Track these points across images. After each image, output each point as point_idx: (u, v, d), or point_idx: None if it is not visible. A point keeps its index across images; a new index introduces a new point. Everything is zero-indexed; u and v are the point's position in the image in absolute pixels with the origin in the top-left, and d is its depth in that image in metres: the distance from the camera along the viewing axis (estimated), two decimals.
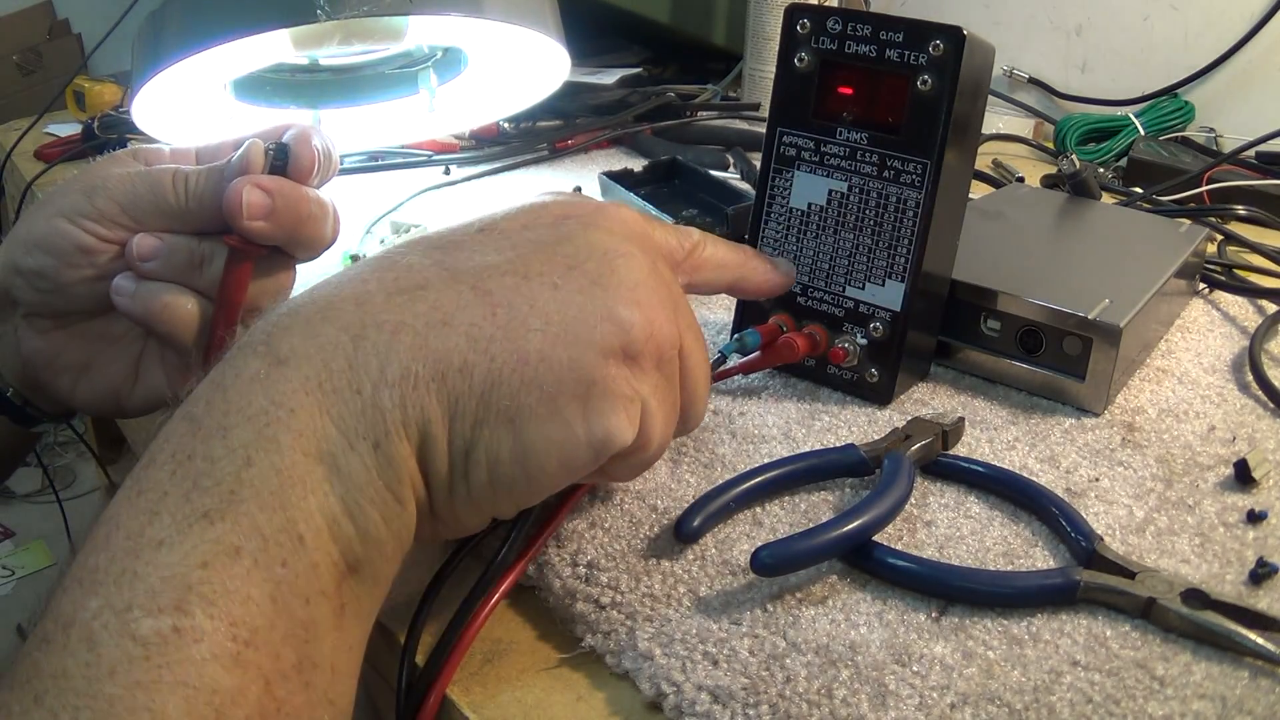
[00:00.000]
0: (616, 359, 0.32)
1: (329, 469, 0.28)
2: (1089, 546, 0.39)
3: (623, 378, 0.33)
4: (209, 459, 0.27)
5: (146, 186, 0.44)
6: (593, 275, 0.33)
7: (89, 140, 0.97)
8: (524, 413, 0.31)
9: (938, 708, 0.32)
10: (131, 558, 0.26)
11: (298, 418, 0.28)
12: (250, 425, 0.28)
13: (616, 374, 0.32)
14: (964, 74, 0.47)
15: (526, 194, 0.37)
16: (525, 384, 0.31)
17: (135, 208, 0.44)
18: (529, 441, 0.31)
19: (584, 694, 0.34)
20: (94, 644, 0.24)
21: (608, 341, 0.32)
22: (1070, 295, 0.52)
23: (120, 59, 0.70)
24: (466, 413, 0.31)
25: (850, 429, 0.49)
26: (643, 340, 0.33)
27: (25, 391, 0.50)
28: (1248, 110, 1.03)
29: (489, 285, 0.32)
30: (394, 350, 0.30)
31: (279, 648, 0.26)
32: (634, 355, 0.33)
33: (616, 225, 0.36)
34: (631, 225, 0.37)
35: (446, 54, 0.73)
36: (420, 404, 0.30)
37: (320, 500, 0.28)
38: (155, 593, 0.25)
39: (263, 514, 0.27)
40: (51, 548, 2.07)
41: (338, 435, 0.29)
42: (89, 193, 0.44)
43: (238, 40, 0.54)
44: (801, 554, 0.37)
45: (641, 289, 0.34)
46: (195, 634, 0.25)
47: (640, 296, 0.33)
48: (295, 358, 0.29)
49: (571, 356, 0.31)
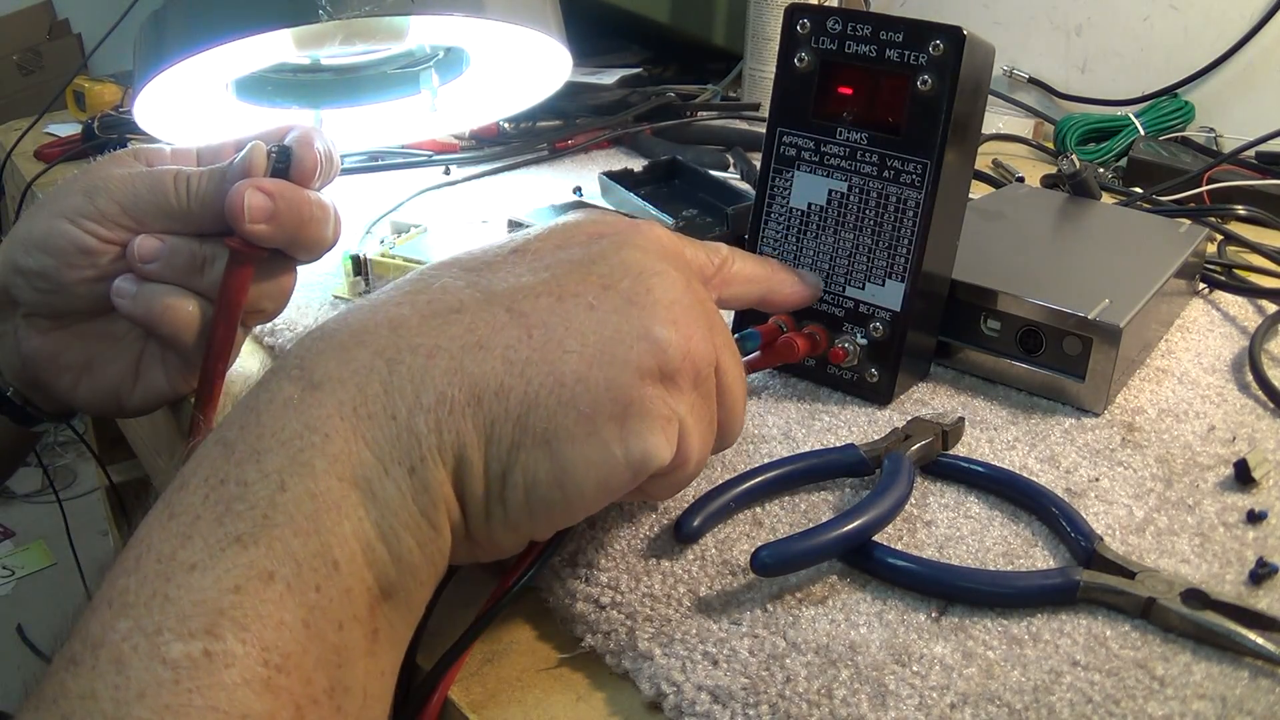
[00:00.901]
0: (653, 379, 0.32)
1: (364, 494, 0.28)
2: (1089, 546, 0.39)
3: (659, 397, 0.32)
4: (242, 483, 0.27)
5: (148, 187, 0.44)
6: (628, 294, 0.33)
7: (89, 140, 0.97)
8: (561, 434, 0.31)
9: (938, 708, 0.32)
10: (163, 581, 0.26)
11: (332, 443, 0.28)
12: (284, 450, 0.28)
13: (653, 394, 0.32)
14: (964, 74, 0.47)
15: (560, 217, 0.37)
16: (562, 406, 0.31)
17: (136, 209, 0.44)
18: (566, 463, 0.31)
19: (584, 694, 0.34)
20: (123, 666, 0.24)
21: (644, 361, 0.32)
22: (1070, 295, 0.52)
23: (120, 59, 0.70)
24: (503, 436, 0.30)
25: (850, 429, 0.49)
26: (679, 359, 0.33)
27: (25, 391, 0.50)
28: (1248, 110, 1.03)
29: (524, 307, 0.32)
30: (429, 374, 0.30)
31: (311, 673, 0.26)
32: (670, 374, 0.33)
33: (650, 244, 0.35)
34: (665, 243, 0.36)
35: (448, 54, 0.73)
36: (456, 428, 0.30)
37: (355, 525, 0.28)
38: (186, 616, 0.25)
39: (296, 539, 0.27)
40: (51, 548, 2.07)
41: (373, 460, 0.29)
42: (90, 193, 0.44)
43: (239, 40, 0.54)
44: (801, 554, 0.37)
45: (677, 307, 0.33)
46: (226, 658, 0.25)
47: (676, 315, 0.33)
48: (330, 382, 0.29)
49: (608, 377, 0.31)
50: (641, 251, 0.35)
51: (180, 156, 0.49)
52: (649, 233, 0.36)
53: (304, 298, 0.62)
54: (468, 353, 0.30)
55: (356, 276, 0.61)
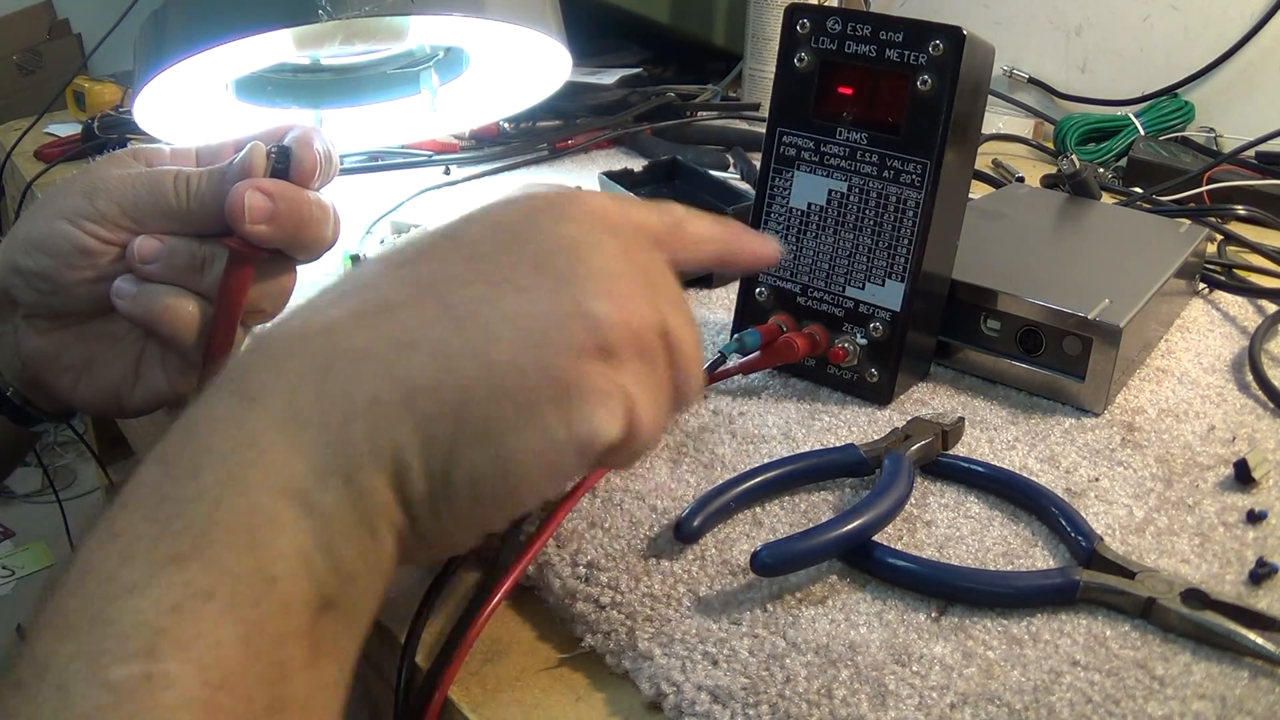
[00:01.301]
0: (591, 355, 0.31)
1: (300, 506, 0.28)
2: (1089, 546, 0.39)
3: (600, 373, 0.31)
4: (180, 501, 0.27)
5: (147, 188, 0.44)
6: (560, 271, 0.32)
7: (89, 140, 0.97)
8: (500, 426, 0.30)
9: (937, 708, 0.32)
10: (105, 602, 0.25)
11: (267, 456, 0.28)
12: (221, 466, 0.28)
13: (593, 370, 0.31)
14: (964, 74, 0.47)
15: (504, 190, 0.36)
16: (497, 396, 0.30)
17: (136, 209, 0.44)
18: (509, 454, 0.30)
19: (584, 694, 0.34)
20: (66, 690, 0.24)
21: (579, 339, 0.31)
22: (1070, 295, 0.52)
23: (120, 59, 0.70)
24: (441, 435, 0.30)
25: (850, 429, 0.49)
26: (617, 331, 0.32)
27: (25, 391, 0.50)
28: (1248, 110, 1.03)
29: (455, 298, 0.31)
30: (360, 379, 0.29)
31: (251, 690, 0.26)
32: (610, 348, 0.32)
33: (585, 214, 0.34)
34: (603, 211, 0.35)
35: (448, 54, 0.73)
36: (390, 432, 0.29)
37: (291, 539, 0.27)
38: (126, 638, 0.25)
39: (233, 555, 0.26)
40: (51, 548, 2.07)
41: (308, 472, 0.28)
42: (89, 194, 0.44)
43: (239, 40, 0.54)
44: (801, 554, 0.37)
45: (613, 278, 0.33)
46: (166, 680, 0.24)
47: (612, 286, 0.32)
48: (264, 395, 0.29)
49: (543, 360, 0.31)
50: (576, 223, 0.34)
51: (180, 156, 0.49)
52: (587, 203, 0.35)
53: (304, 297, 0.62)
54: (398, 352, 0.30)
55: None
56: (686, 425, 0.48)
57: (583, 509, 0.42)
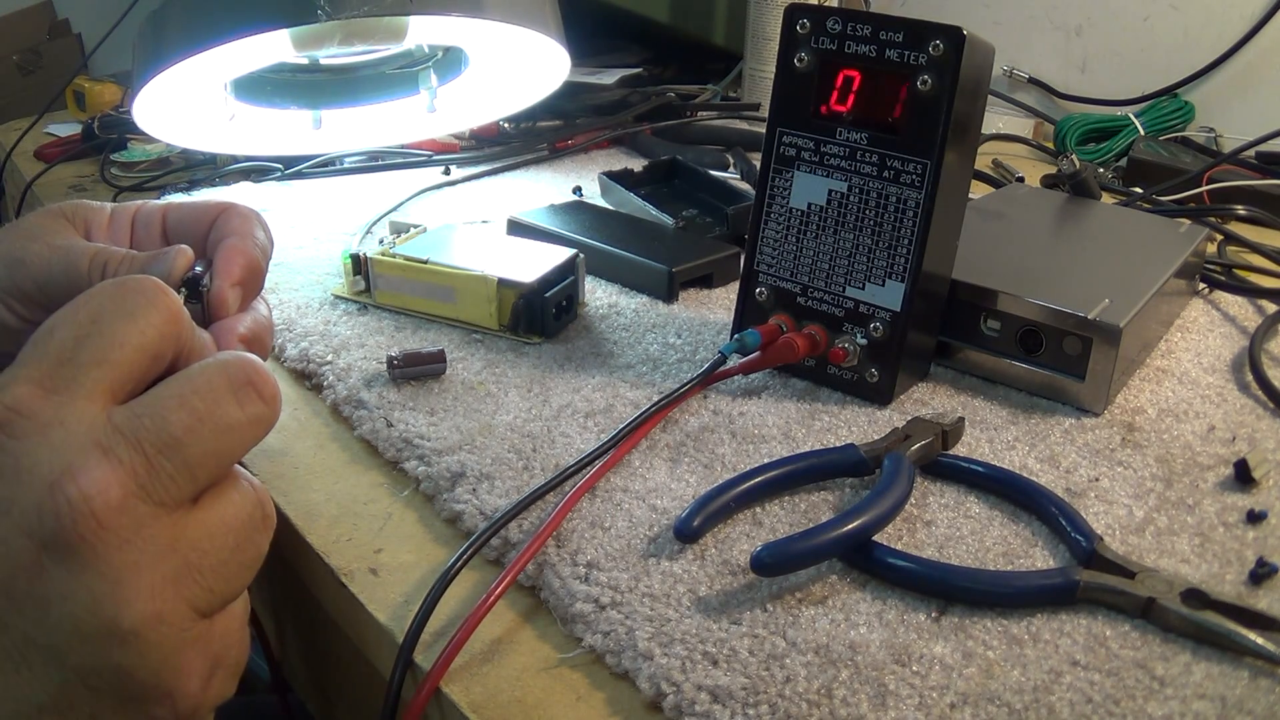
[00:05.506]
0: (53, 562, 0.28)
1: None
2: (1089, 546, 0.39)
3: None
4: None
5: (62, 269, 0.41)
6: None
7: (89, 140, 0.97)
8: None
9: (937, 708, 0.32)
10: None
11: None
12: None
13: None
14: (964, 74, 0.47)
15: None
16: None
17: (51, 288, 0.41)
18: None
19: (584, 694, 0.34)
20: None
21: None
22: (1070, 295, 0.52)
23: (120, 59, 0.70)
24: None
25: (850, 429, 0.49)
26: (66, 521, 0.28)
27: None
28: (1248, 110, 1.03)
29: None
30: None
31: None
32: (65, 539, 0.28)
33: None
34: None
35: (447, 54, 0.73)
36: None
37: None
38: None
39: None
40: None
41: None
42: (11, 266, 0.42)
43: (238, 40, 0.54)
44: (801, 554, 0.37)
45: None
46: None
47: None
48: None
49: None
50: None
51: (119, 216, 0.46)
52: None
53: (304, 297, 0.62)
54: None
55: (356, 276, 0.61)
56: (686, 425, 0.48)
57: (583, 509, 0.42)
